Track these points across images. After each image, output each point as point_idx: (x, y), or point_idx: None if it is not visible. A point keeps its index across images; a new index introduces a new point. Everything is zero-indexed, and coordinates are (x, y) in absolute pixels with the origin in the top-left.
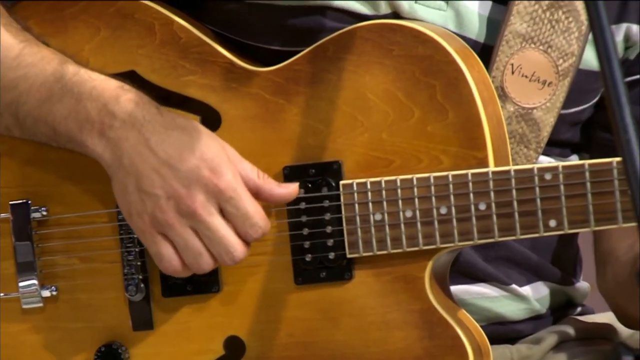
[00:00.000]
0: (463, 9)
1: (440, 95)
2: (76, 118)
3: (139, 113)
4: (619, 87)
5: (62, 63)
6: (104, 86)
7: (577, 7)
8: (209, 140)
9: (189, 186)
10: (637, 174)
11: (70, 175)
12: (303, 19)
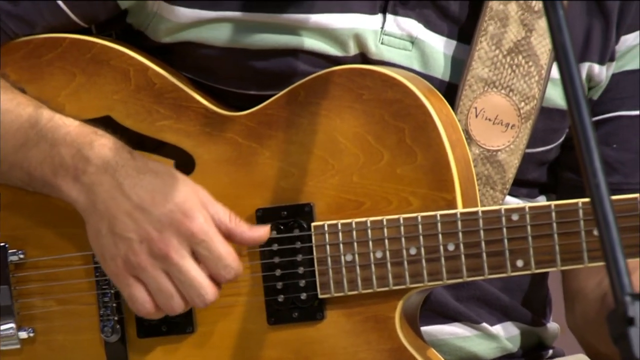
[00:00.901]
0: (428, 49)
1: (409, 138)
2: (51, 163)
3: (113, 158)
4: (588, 131)
5: (37, 109)
6: (77, 132)
7: (537, 51)
8: (182, 184)
9: (161, 230)
10: (607, 218)
11: (47, 219)
12: (275, 62)
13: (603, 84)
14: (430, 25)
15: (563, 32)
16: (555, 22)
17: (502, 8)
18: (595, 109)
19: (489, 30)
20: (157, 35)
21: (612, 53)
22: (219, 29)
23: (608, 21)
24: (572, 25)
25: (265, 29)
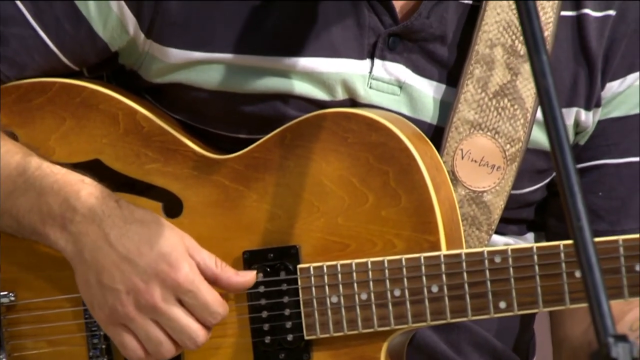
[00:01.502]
0: (416, 93)
1: (394, 181)
2: (39, 212)
3: (99, 208)
4: (571, 174)
5: (25, 157)
6: (65, 180)
7: (522, 95)
8: (168, 232)
9: (147, 281)
10: (590, 261)
11: (37, 262)
12: (263, 107)
13: (590, 130)
14: (418, 70)
15: (547, 77)
16: (538, 67)
17: (488, 52)
18: (582, 155)
19: (475, 73)
20: (149, 75)
21: (598, 99)
22: (208, 72)
23: (593, 68)
24: (559, 71)
25: (254, 73)
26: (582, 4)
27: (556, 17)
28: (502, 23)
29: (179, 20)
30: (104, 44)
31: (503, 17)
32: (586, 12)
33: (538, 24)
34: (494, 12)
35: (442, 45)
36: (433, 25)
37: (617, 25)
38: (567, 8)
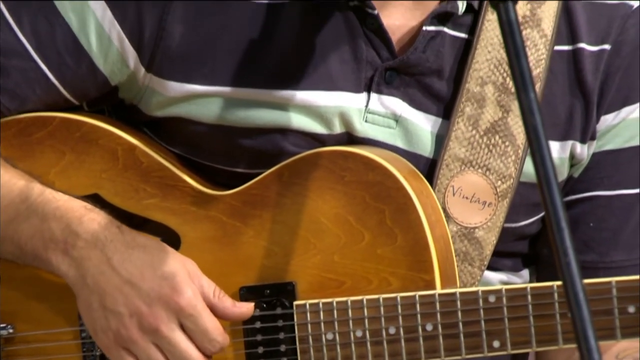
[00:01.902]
0: (412, 127)
1: (390, 219)
2: (41, 237)
3: (102, 233)
4: (559, 211)
5: (28, 183)
6: (67, 206)
7: (513, 132)
8: (170, 257)
9: (150, 304)
10: (578, 297)
11: (36, 294)
12: (262, 141)
13: (584, 162)
14: (414, 104)
15: (535, 115)
16: (527, 104)
17: (479, 90)
18: (575, 187)
19: (466, 111)
20: (149, 109)
21: (593, 132)
22: (207, 105)
23: (589, 101)
24: (555, 105)
25: (252, 106)
26: (577, 39)
27: (549, 53)
28: (493, 61)
29: (179, 54)
30: (105, 78)
31: (494, 54)
32: (582, 46)
33: (526, 62)
34: (485, 50)
35: (438, 79)
36: (429, 60)
37: (612, 59)
38: (563, 43)
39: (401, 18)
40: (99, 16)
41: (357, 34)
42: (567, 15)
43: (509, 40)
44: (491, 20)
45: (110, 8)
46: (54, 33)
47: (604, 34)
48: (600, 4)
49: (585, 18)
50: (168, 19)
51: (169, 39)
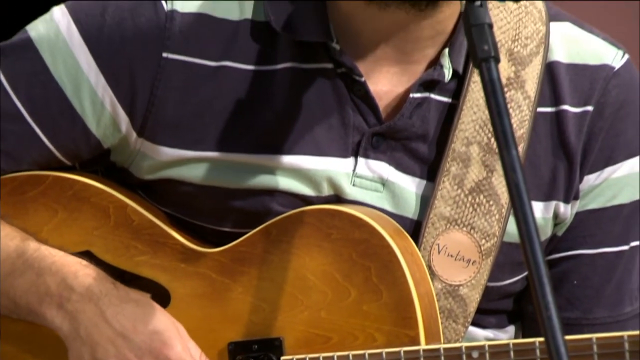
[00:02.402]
0: (398, 190)
1: (376, 276)
2: (36, 292)
3: (96, 287)
4: (541, 266)
5: (23, 240)
6: (63, 262)
7: (497, 191)
8: (161, 314)
9: (141, 356)
10: (559, 352)
11: (30, 349)
12: (250, 201)
13: (568, 221)
14: (400, 167)
15: (517, 172)
16: (509, 162)
17: (464, 150)
18: (559, 246)
19: (452, 170)
20: (140, 172)
21: (576, 192)
22: (198, 168)
23: (572, 162)
24: (539, 166)
25: (242, 169)
26: (560, 101)
27: (533, 114)
28: (478, 122)
29: (171, 120)
30: (98, 141)
31: (479, 115)
32: (565, 108)
33: (508, 119)
34: (470, 111)
35: (423, 143)
36: (415, 125)
37: (595, 121)
38: (546, 104)
39: (388, 84)
40: (92, 82)
41: (345, 100)
42: (550, 78)
43: (491, 99)
44: (477, 82)
45: (104, 74)
46: (48, 98)
47: (586, 96)
48: (582, 66)
49: (568, 80)
50: (160, 86)
51: (161, 105)
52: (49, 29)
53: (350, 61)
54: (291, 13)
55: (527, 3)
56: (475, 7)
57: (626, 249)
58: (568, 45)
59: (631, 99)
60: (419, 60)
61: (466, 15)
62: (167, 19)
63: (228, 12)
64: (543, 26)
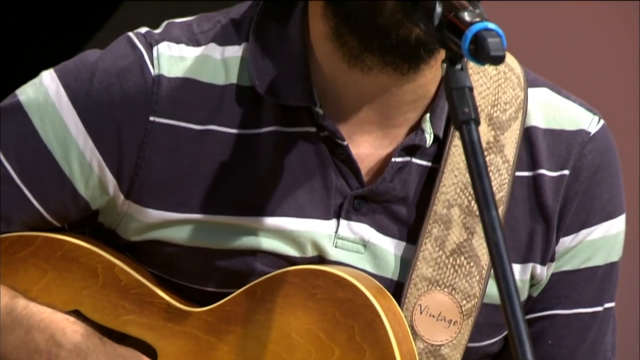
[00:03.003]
0: (379, 251)
1: (359, 335)
2: (26, 348)
3: (84, 343)
4: (520, 324)
5: (12, 298)
6: (51, 318)
7: (478, 253)
8: None
9: None
10: None
11: None
12: (235, 262)
13: (543, 283)
14: (381, 229)
15: (497, 232)
16: (489, 222)
17: (445, 212)
18: (535, 306)
19: (433, 232)
20: (127, 233)
21: (552, 254)
22: (182, 230)
23: (549, 225)
24: (516, 229)
25: (226, 230)
26: (537, 165)
27: (511, 178)
28: (459, 185)
29: (157, 182)
30: (86, 203)
31: (460, 179)
32: (542, 172)
33: (488, 180)
34: (451, 174)
35: (403, 206)
36: (396, 188)
37: (571, 184)
38: (523, 169)
39: (369, 147)
40: (80, 145)
41: (327, 163)
42: (528, 142)
43: (472, 160)
44: (458, 145)
45: (92, 138)
46: (37, 161)
47: (563, 160)
48: (559, 131)
49: (545, 145)
50: (147, 150)
51: (148, 168)
52: (38, 93)
53: (332, 125)
54: (275, 78)
55: (506, 69)
56: (456, 71)
57: (600, 310)
58: (545, 110)
59: (606, 163)
60: (401, 124)
61: (447, 79)
62: (154, 83)
63: (214, 76)
64: (521, 92)
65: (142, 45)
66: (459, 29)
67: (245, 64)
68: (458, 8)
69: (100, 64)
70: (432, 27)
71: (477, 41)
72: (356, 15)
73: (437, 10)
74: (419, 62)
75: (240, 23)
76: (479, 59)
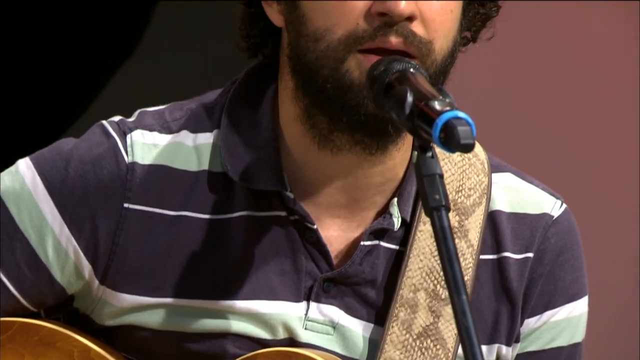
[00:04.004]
0: (348, 333)
1: None
2: None
3: None
4: None
5: None
6: None
7: (444, 336)
8: None
9: None
10: None
11: None
12: (207, 345)
13: None
14: (350, 311)
15: (467, 316)
16: (459, 306)
17: (412, 296)
18: None
19: (400, 316)
20: (101, 318)
21: (517, 335)
22: (156, 314)
23: (514, 306)
24: (482, 311)
25: (198, 314)
26: (502, 248)
27: (476, 262)
28: (424, 269)
29: (131, 268)
30: (62, 288)
31: (426, 263)
32: (506, 255)
33: (458, 266)
34: (417, 259)
35: (372, 289)
36: (365, 271)
37: (535, 267)
38: (488, 252)
39: (338, 230)
40: (56, 232)
41: (298, 246)
42: (492, 226)
43: (442, 245)
44: (423, 230)
45: (67, 225)
46: (14, 247)
47: (527, 243)
48: (523, 215)
49: (509, 228)
50: (122, 236)
51: (122, 254)
52: (14, 181)
53: (302, 209)
54: (246, 163)
55: (470, 155)
56: (427, 158)
57: None
58: (510, 195)
59: (569, 246)
60: (369, 207)
61: (418, 166)
62: (128, 170)
63: (186, 163)
64: (485, 177)
65: (115, 133)
66: (429, 118)
67: (217, 150)
68: (429, 97)
69: (75, 152)
70: (404, 115)
71: (447, 129)
72: (326, 93)
73: (408, 100)
74: (387, 141)
75: (212, 110)
76: (449, 146)
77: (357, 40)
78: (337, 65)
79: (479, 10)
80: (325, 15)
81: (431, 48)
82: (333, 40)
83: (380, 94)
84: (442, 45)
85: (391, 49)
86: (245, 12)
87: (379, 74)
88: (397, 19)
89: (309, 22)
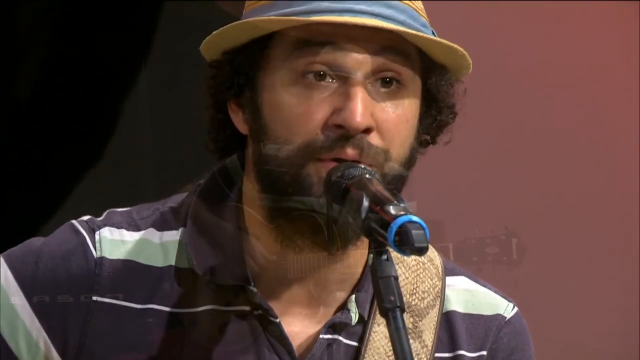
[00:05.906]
0: None
1: None
2: None
3: None
4: None
5: None
6: None
7: None
8: None
9: None
10: None
11: None
12: None
13: None
14: None
15: None
16: None
17: None
18: None
19: None
20: None
21: None
22: None
23: None
24: None
25: None
26: (457, 346)
27: None
28: None
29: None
30: None
31: None
32: (461, 353)
33: None
34: (372, 358)
35: None
36: None
37: None
38: (444, 350)
39: (300, 325)
40: (27, 325)
41: (261, 340)
42: (448, 325)
43: (397, 345)
44: (377, 332)
45: (38, 318)
46: None
47: (481, 342)
48: (477, 316)
49: (464, 328)
50: (91, 327)
51: (91, 345)
52: None
53: (266, 303)
54: (212, 259)
55: (425, 260)
56: (382, 261)
57: None
58: (464, 297)
59: (520, 346)
60: (329, 303)
61: (374, 268)
62: (96, 265)
63: (153, 259)
64: (439, 281)
65: (84, 230)
66: (385, 221)
67: (183, 247)
68: (384, 202)
69: (45, 248)
70: (360, 219)
71: (402, 233)
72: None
73: (364, 204)
74: (346, 242)
75: (178, 210)
76: (403, 249)
77: (315, 150)
78: (298, 170)
79: (436, 117)
80: (286, 126)
81: (388, 156)
82: (293, 148)
83: (337, 198)
84: (399, 153)
85: (348, 159)
86: (214, 118)
87: (336, 179)
88: (353, 132)
89: (271, 132)
